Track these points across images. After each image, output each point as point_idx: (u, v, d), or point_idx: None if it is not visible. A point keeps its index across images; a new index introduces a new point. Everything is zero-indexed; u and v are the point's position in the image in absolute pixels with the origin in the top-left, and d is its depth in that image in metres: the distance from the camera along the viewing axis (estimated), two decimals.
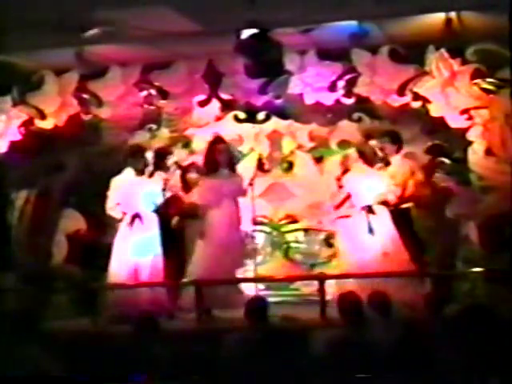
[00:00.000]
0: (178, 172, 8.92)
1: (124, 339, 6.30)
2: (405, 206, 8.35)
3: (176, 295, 8.16)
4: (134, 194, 8.39)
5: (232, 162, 8.46)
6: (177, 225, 8.58)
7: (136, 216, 8.34)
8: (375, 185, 8.25)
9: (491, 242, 7.64)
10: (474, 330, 5.26)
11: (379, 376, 5.43)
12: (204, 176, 8.41)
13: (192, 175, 8.89)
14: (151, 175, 8.52)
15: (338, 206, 8.43)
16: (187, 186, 8.80)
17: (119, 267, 8.29)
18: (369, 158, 8.40)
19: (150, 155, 8.67)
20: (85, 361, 6.28)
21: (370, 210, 8.17)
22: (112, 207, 8.45)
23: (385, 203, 8.26)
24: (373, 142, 8.56)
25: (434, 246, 8.33)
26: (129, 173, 8.52)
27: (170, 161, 9.00)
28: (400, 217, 8.27)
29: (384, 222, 8.20)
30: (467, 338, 5.28)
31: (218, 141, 8.51)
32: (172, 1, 7.05)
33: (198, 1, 7.07)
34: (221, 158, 8.28)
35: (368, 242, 8.11)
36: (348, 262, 8.25)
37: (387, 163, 8.47)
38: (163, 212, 8.49)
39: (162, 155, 8.91)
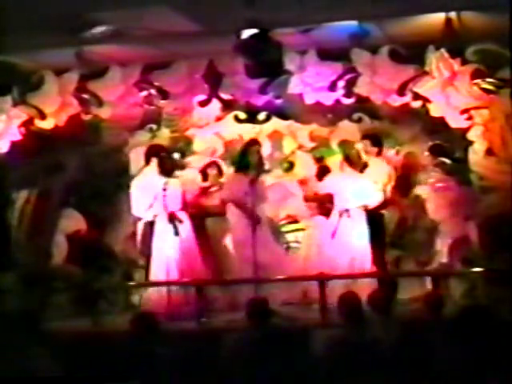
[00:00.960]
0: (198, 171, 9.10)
1: (124, 339, 6.29)
2: (380, 210, 8.47)
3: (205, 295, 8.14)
4: (163, 195, 8.37)
5: (261, 166, 8.62)
6: (199, 224, 8.62)
7: (172, 216, 8.35)
8: (357, 189, 8.34)
9: (491, 242, 7.64)
10: (474, 331, 5.26)
11: (379, 376, 5.44)
12: (233, 173, 8.67)
13: (212, 172, 9.02)
14: (175, 175, 8.59)
15: (308, 200, 8.73)
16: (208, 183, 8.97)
17: (160, 267, 8.31)
18: (353, 161, 8.45)
19: (176, 155, 8.73)
20: (85, 361, 6.28)
21: (346, 213, 8.31)
22: (143, 209, 8.46)
23: (363, 207, 8.35)
24: (358, 145, 8.60)
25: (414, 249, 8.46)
26: (151, 173, 8.51)
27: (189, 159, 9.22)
28: (374, 221, 8.34)
29: (359, 226, 8.30)
30: (467, 339, 5.27)
31: (253, 143, 8.69)
32: (172, 1, 7.06)
33: (198, 1, 7.07)
34: (253, 159, 8.45)
35: (336, 244, 8.25)
36: (314, 261, 8.38)
37: (365, 166, 8.49)
38: (190, 211, 8.57)
39: (182, 155, 9.08)
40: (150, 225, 8.51)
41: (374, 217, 8.39)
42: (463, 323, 5.36)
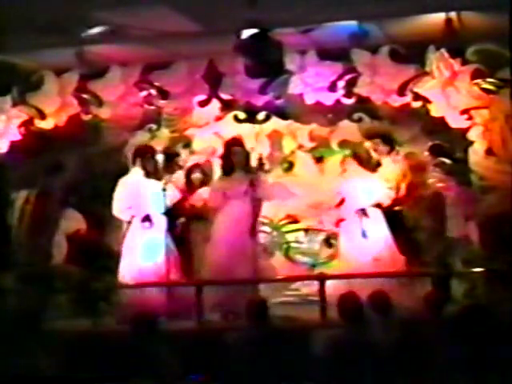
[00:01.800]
0: (182, 173, 8.99)
1: (124, 339, 6.29)
2: (397, 208, 8.38)
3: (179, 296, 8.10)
4: (143, 196, 8.34)
5: (248, 163, 8.42)
6: (182, 227, 8.58)
7: (147, 218, 8.31)
8: (368, 187, 8.29)
9: (491, 242, 7.64)
10: (474, 330, 5.26)
11: (379, 376, 5.44)
12: (219, 177, 8.49)
13: (196, 176, 8.92)
14: (161, 177, 8.47)
15: (337, 206, 8.53)
16: (192, 187, 8.84)
17: (129, 269, 8.25)
18: (363, 160, 8.43)
19: (160, 157, 8.67)
20: (85, 361, 6.28)
21: (363, 212, 8.23)
22: (121, 210, 8.41)
23: (378, 206, 8.30)
24: (367, 144, 8.58)
25: (431, 247, 8.36)
26: (136, 174, 8.50)
27: (179, 162, 9.12)
28: (393, 219, 8.28)
29: (378, 224, 8.24)
30: (467, 338, 5.28)
31: (233, 143, 8.49)
32: (172, 1, 7.06)
33: (199, 1, 7.07)
34: (236, 159, 8.25)
35: (363, 244, 8.15)
36: (345, 264, 8.30)
37: (378, 165, 8.47)
38: (171, 214, 8.47)
39: (170, 156, 8.96)
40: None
41: (391, 215, 8.30)
42: (463, 323, 5.37)
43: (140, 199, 8.35)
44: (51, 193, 9.11)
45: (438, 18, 7.70)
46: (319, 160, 9.38)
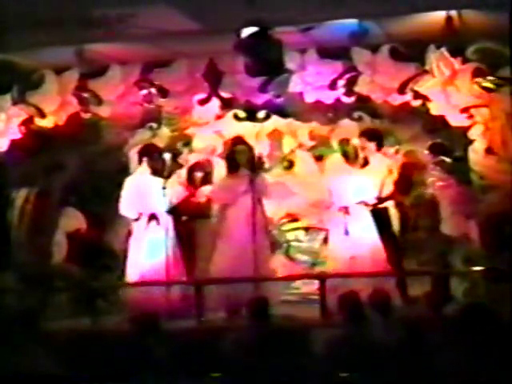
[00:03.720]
0: (184, 171, 9.02)
1: (124, 339, 6.29)
2: (383, 205, 8.32)
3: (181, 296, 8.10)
4: (150, 195, 8.37)
5: (253, 162, 8.40)
6: (185, 225, 8.59)
7: (152, 216, 8.33)
8: (354, 185, 8.27)
9: (492, 242, 7.64)
10: (474, 330, 5.25)
11: (379, 376, 5.43)
12: (224, 175, 8.49)
13: (198, 174, 8.93)
14: (168, 175, 8.52)
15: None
16: (194, 185, 8.88)
17: (135, 267, 8.27)
18: (350, 158, 8.40)
19: (167, 155, 8.69)
20: (85, 361, 6.28)
21: (346, 210, 8.21)
22: (128, 208, 8.43)
23: (365, 203, 8.25)
24: (355, 141, 8.55)
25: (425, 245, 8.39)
26: (142, 172, 8.51)
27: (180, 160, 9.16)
28: (379, 217, 8.24)
29: (363, 222, 8.20)
30: (467, 338, 5.27)
31: (237, 141, 8.59)
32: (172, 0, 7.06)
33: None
34: (240, 158, 8.28)
35: (344, 242, 8.15)
36: (329, 262, 8.36)
37: (366, 163, 8.44)
38: (175, 212, 8.50)
39: (175, 155, 9.00)
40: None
41: (379, 213, 8.27)
42: (464, 322, 5.36)
43: (147, 198, 8.37)
44: (51, 192, 9.11)
45: (439, 16, 7.70)
46: (319, 159, 9.37)
